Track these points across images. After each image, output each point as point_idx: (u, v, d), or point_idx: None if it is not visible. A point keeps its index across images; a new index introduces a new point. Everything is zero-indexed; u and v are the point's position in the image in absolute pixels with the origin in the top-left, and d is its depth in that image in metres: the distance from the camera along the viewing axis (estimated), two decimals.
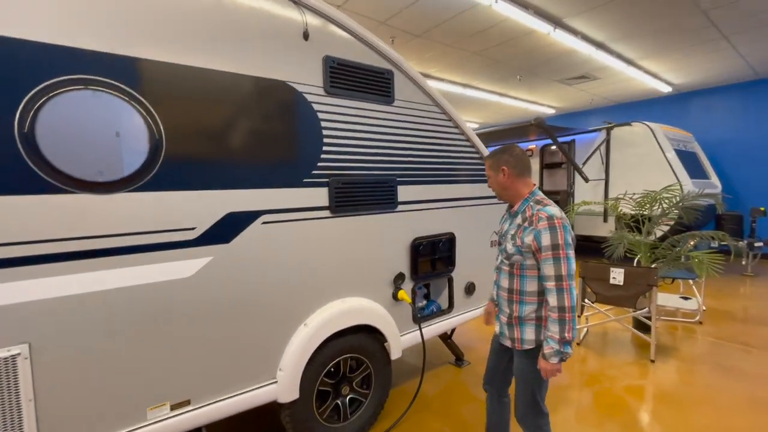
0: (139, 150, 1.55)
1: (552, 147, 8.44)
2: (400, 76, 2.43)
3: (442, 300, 2.88)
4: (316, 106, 2.06)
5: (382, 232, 2.39)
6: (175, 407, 1.70)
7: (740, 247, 6.55)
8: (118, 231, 1.53)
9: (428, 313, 2.74)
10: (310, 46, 2.02)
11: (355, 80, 2.20)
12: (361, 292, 2.32)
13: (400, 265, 2.51)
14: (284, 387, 1.97)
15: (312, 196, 2.07)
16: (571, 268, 1.49)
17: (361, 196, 2.27)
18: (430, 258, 2.67)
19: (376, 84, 2.30)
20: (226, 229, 1.80)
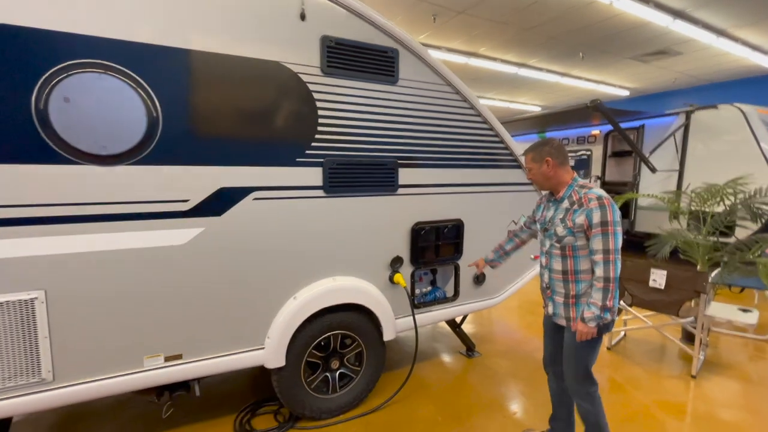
0: (138, 127, 1.72)
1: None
2: (405, 55, 2.35)
3: (448, 288, 2.81)
4: (311, 86, 2.09)
5: (380, 215, 2.39)
6: (168, 359, 1.91)
7: None
8: (119, 199, 1.73)
9: (431, 299, 2.70)
10: (306, 26, 2.04)
11: (354, 60, 2.18)
12: (355, 273, 2.36)
13: (398, 249, 2.49)
14: (271, 354, 2.11)
15: (305, 175, 2.13)
16: (617, 243, 1.63)
17: (357, 178, 2.28)
18: (432, 244, 2.61)
19: (378, 63, 2.26)
20: (218, 202, 1.93)
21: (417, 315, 2.62)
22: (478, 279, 2.86)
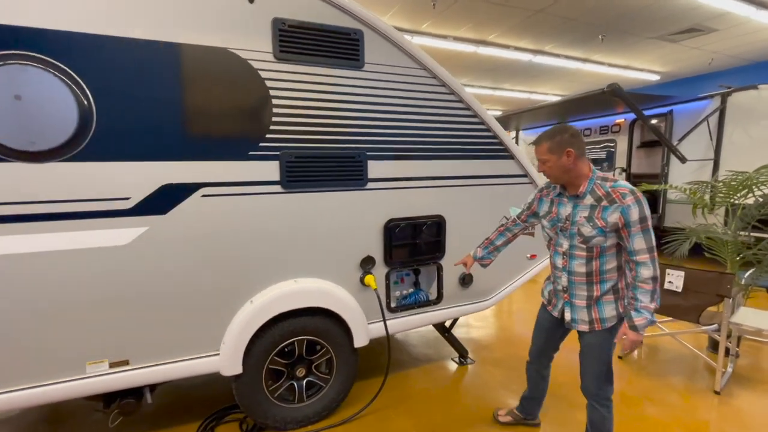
0: (69, 121, 1.62)
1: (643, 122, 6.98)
2: (372, 37, 2.15)
3: (431, 290, 2.60)
4: (263, 73, 1.94)
5: (346, 212, 2.21)
6: (114, 365, 1.82)
7: None
8: (52, 198, 1.64)
9: (411, 302, 2.50)
10: (256, 8, 1.89)
11: (312, 44, 2.01)
12: (320, 274, 2.19)
13: (369, 249, 2.30)
14: (226, 360, 1.98)
15: (260, 169, 1.98)
16: (653, 239, 1.52)
17: (319, 172, 2.11)
18: (410, 242, 2.41)
19: (340, 47, 2.08)
20: (162, 200, 1.82)
21: (395, 320, 2.43)
22: (464, 280, 2.62)
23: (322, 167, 2.12)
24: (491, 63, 7.66)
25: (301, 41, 1.99)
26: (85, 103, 1.64)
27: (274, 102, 1.97)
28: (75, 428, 2.25)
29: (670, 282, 2.73)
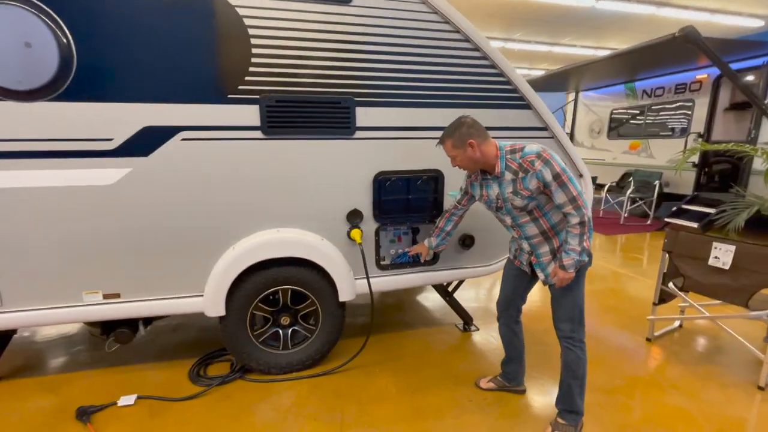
0: (50, 61, 1.67)
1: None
2: None
3: None
4: (240, 10, 1.84)
5: (331, 162, 2.11)
6: (107, 297, 1.96)
7: None
8: (41, 136, 1.74)
9: (403, 260, 2.38)
10: None
11: None
12: (304, 225, 2.15)
13: (356, 202, 2.20)
14: (209, 302, 2.05)
15: (238, 114, 1.93)
16: (577, 187, 1.60)
17: (301, 118, 2.01)
18: (402, 197, 2.26)
19: None
20: (144, 142, 1.85)
21: (386, 278, 2.35)
22: (465, 242, 2.43)
23: (305, 113, 2.01)
24: (540, 11, 6.75)
25: None
26: (65, 42, 1.67)
27: (253, 42, 1.88)
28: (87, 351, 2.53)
29: (716, 258, 2.30)
